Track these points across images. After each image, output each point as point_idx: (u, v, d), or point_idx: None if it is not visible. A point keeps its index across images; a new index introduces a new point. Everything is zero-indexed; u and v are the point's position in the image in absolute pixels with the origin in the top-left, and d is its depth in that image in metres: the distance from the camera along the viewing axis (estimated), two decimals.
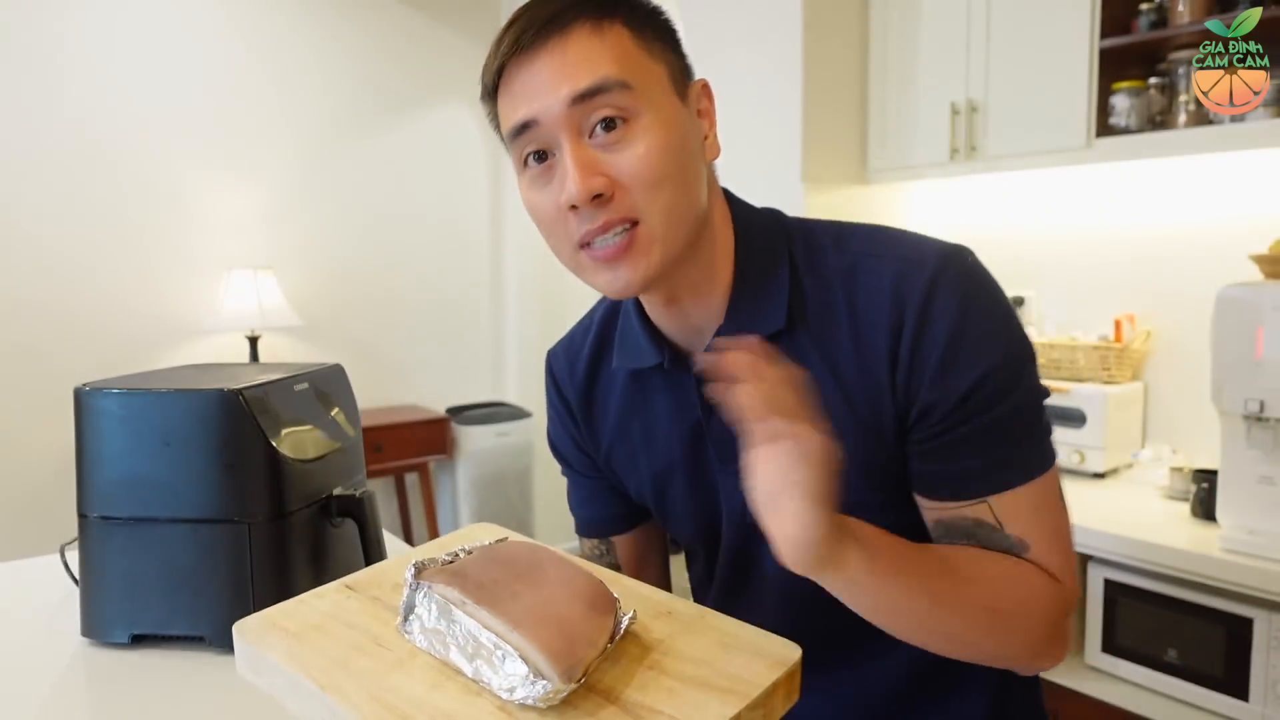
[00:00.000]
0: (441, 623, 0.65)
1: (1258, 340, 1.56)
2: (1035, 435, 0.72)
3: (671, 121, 0.69)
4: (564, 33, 0.67)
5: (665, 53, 0.72)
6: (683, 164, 0.69)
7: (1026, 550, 0.71)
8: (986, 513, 0.71)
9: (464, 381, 3.87)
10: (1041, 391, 0.73)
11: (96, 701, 1.00)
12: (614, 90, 0.66)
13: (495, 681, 0.61)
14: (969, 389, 0.69)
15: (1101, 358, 2.16)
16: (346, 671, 0.64)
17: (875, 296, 0.71)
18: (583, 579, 0.69)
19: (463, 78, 3.75)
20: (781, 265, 0.75)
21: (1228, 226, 2.03)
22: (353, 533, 1.21)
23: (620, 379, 0.85)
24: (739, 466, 0.65)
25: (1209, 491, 1.75)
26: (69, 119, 2.94)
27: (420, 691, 0.62)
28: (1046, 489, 0.72)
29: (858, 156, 2.52)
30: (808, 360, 0.73)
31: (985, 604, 0.68)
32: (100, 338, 3.03)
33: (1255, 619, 1.58)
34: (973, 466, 0.71)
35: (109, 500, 1.06)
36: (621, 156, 0.67)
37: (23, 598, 1.26)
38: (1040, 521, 0.71)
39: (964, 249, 0.74)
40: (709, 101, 0.75)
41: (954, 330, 0.69)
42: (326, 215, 3.47)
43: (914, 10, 2.36)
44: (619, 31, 0.68)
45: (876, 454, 0.73)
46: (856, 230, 0.77)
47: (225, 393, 1.04)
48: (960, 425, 0.70)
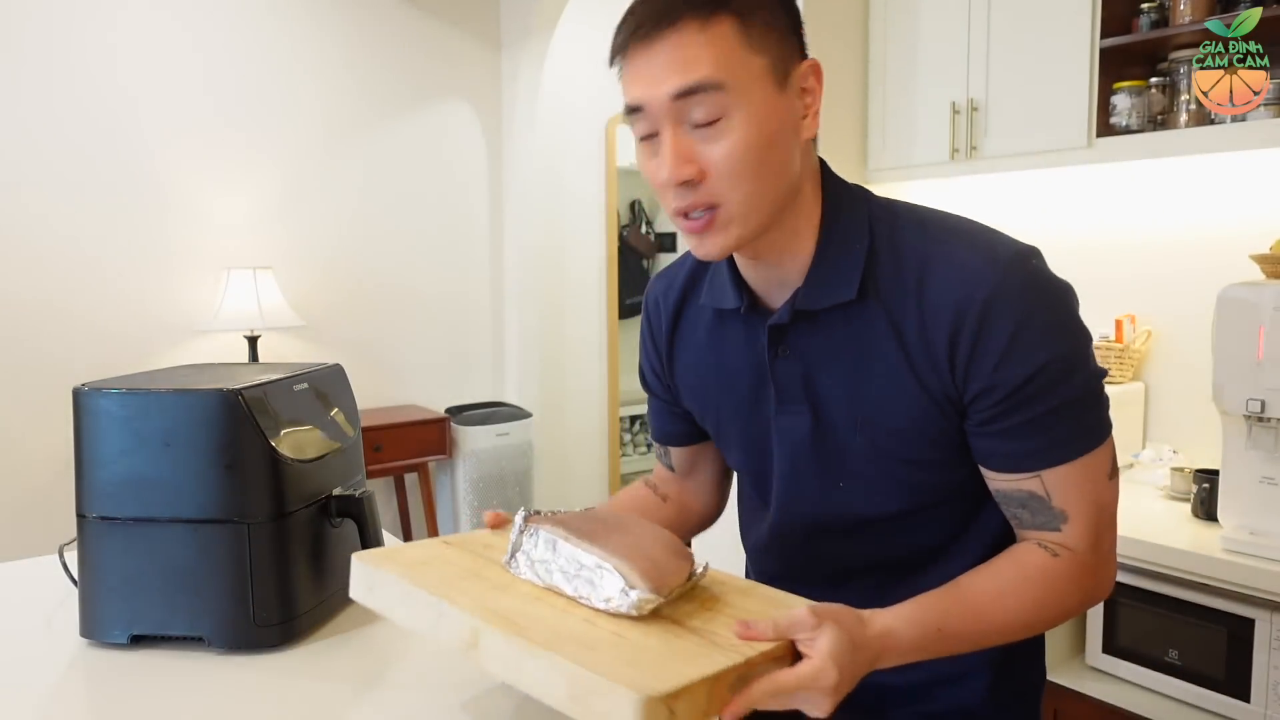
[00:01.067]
0: (548, 553, 0.77)
1: (1259, 340, 1.56)
2: (1088, 416, 0.79)
3: (763, 116, 0.75)
4: (674, 28, 0.74)
5: (772, 40, 0.76)
6: (766, 156, 0.76)
7: (1064, 521, 0.79)
8: (1038, 485, 0.79)
9: (464, 381, 3.86)
10: (1098, 372, 0.80)
11: (96, 702, 1.00)
12: (710, 90, 0.74)
13: (594, 595, 0.73)
14: (1023, 381, 0.76)
15: (1102, 358, 2.16)
16: (456, 589, 0.76)
17: (945, 284, 0.78)
18: (665, 534, 0.81)
19: (463, 77, 3.75)
20: (862, 239, 0.82)
21: (1228, 226, 2.02)
22: (352, 533, 1.21)
23: (706, 314, 0.94)
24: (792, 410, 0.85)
25: (1210, 492, 1.74)
26: (69, 119, 2.94)
27: (519, 604, 0.73)
28: (1096, 463, 0.79)
29: (858, 156, 2.51)
30: (875, 326, 0.81)
31: (1021, 623, 0.79)
32: (100, 338, 3.02)
33: (1256, 620, 1.58)
34: (1027, 447, 0.78)
35: (108, 500, 1.06)
36: (712, 148, 0.75)
37: (22, 598, 1.26)
38: (1083, 494, 0.79)
39: (1033, 251, 0.80)
40: (816, 80, 0.81)
41: (1013, 331, 0.75)
42: (326, 215, 3.47)
43: (914, 10, 2.36)
44: (725, 27, 0.74)
45: (929, 420, 0.81)
46: (938, 218, 0.84)
47: (225, 393, 1.04)
48: (1014, 412, 0.77)
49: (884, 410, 0.82)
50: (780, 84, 0.77)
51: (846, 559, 0.93)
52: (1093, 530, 0.80)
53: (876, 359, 0.81)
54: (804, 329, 0.84)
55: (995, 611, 0.78)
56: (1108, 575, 0.83)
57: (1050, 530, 0.81)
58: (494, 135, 3.87)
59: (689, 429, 1.05)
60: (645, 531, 0.81)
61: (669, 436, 1.08)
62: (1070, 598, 0.80)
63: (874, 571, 0.92)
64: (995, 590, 0.79)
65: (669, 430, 1.07)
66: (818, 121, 0.81)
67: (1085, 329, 0.81)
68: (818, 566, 0.95)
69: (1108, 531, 0.82)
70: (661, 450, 1.11)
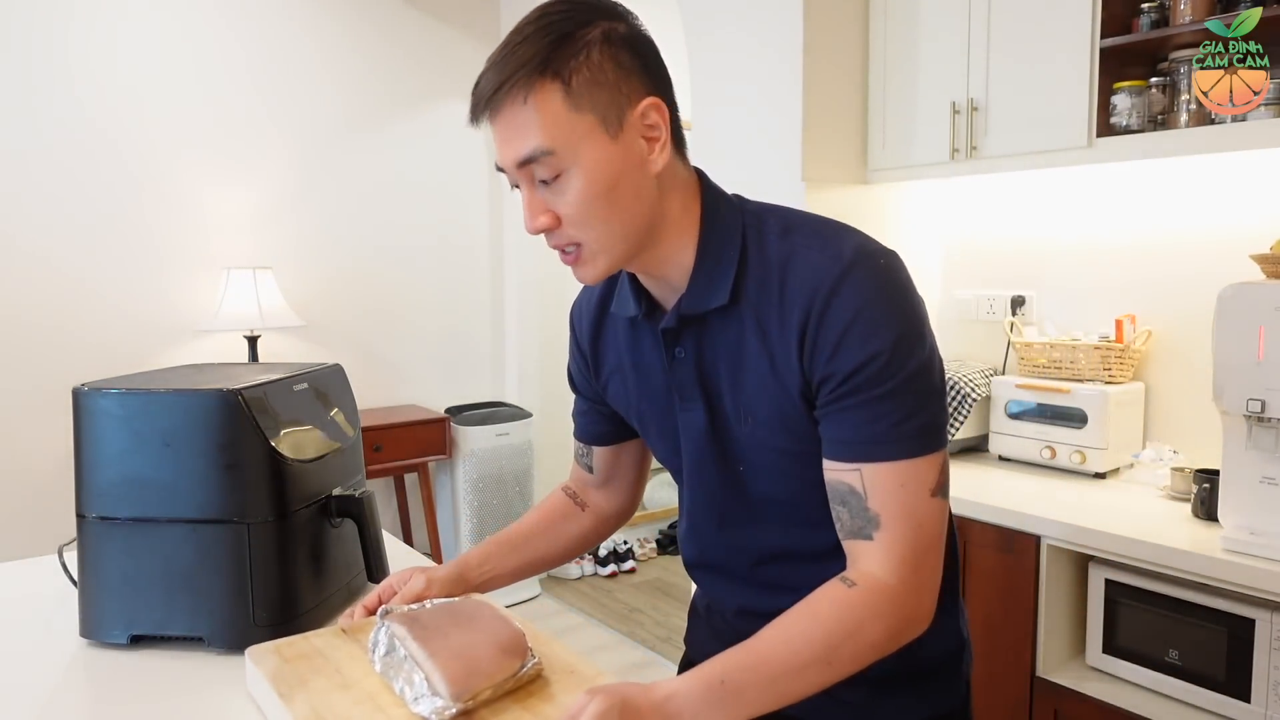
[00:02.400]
0: (390, 649, 0.89)
1: (1259, 340, 1.56)
2: (915, 421, 0.83)
3: (598, 165, 0.82)
4: (496, 110, 0.82)
5: (600, 96, 0.81)
6: (610, 198, 0.83)
7: (877, 528, 0.83)
8: (858, 480, 0.84)
9: (464, 381, 3.86)
10: (933, 385, 0.85)
11: (95, 702, 1.00)
12: (541, 158, 0.81)
13: (408, 694, 0.84)
14: (854, 368, 0.82)
15: (1102, 358, 2.16)
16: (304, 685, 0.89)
17: (799, 283, 0.85)
18: (508, 631, 0.91)
19: (463, 77, 3.74)
20: (734, 248, 0.89)
21: (1229, 226, 2.02)
22: (352, 533, 1.21)
23: (622, 322, 1.01)
24: (690, 407, 0.94)
25: (1210, 492, 1.74)
26: (69, 119, 2.94)
27: (344, 708, 0.85)
28: (915, 473, 0.83)
29: (858, 156, 2.51)
30: (744, 328, 0.89)
31: (817, 660, 0.79)
32: (100, 337, 3.02)
33: (1257, 620, 1.58)
34: (854, 435, 0.84)
35: (108, 500, 1.06)
36: (559, 200, 0.84)
37: (21, 598, 1.26)
38: (900, 501, 0.83)
39: (883, 251, 0.86)
40: (658, 114, 0.84)
41: (850, 319, 0.82)
42: (326, 215, 3.47)
43: (914, 10, 2.35)
44: (546, 93, 0.80)
45: (790, 411, 0.88)
46: (801, 222, 0.90)
47: (225, 393, 1.04)
48: (846, 398, 0.83)
49: (755, 403, 0.90)
50: (613, 133, 0.82)
51: (757, 547, 0.98)
52: (906, 546, 0.82)
53: (748, 357, 0.89)
54: (692, 331, 0.92)
55: (782, 654, 0.79)
56: (919, 607, 0.84)
57: (863, 538, 0.83)
58: None
59: (614, 429, 1.12)
60: (489, 627, 0.91)
61: (595, 437, 1.15)
62: (869, 630, 0.80)
63: (782, 560, 0.97)
64: (781, 635, 0.81)
65: (595, 431, 1.14)
66: (666, 153, 0.85)
67: (929, 341, 0.85)
68: (733, 555, 1.01)
69: (926, 555, 0.83)
70: (584, 451, 1.17)
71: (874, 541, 0.83)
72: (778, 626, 0.82)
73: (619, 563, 3.96)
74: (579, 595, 3.74)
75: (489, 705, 0.86)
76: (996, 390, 2.29)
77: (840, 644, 0.80)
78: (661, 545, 4.24)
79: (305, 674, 0.92)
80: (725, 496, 0.98)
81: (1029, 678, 1.85)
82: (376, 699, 0.87)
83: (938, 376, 0.86)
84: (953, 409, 2.27)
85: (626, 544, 4.03)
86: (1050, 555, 1.82)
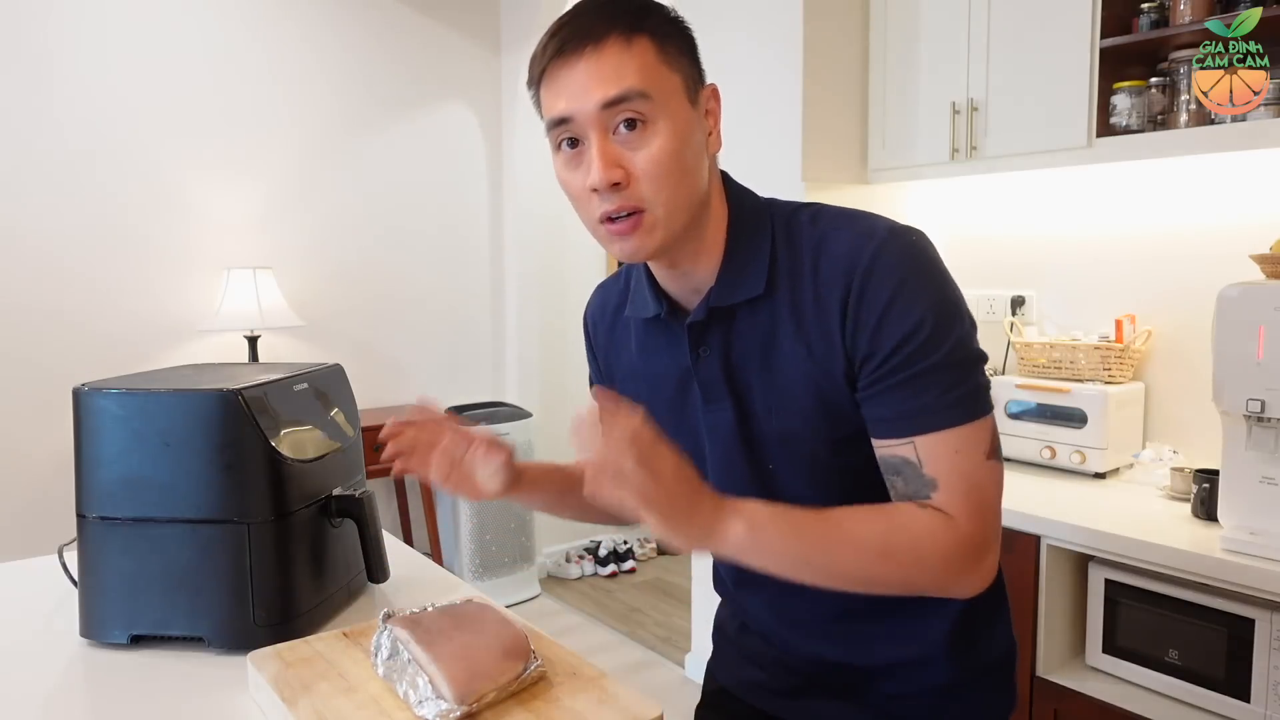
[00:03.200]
0: (393, 653, 0.90)
1: (1259, 340, 1.56)
2: (961, 389, 0.83)
3: (681, 126, 0.83)
4: (599, 44, 0.81)
5: (683, 62, 0.85)
6: (685, 163, 0.84)
7: (935, 489, 0.83)
8: (911, 452, 0.84)
9: (464, 381, 3.86)
10: (974, 354, 0.85)
11: (95, 702, 1.00)
12: (636, 99, 0.81)
13: (412, 697, 0.85)
14: (900, 341, 0.82)
15: (1102, 358, 2.16)
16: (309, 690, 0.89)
17: (833, 263, 0.85)
18: (510, 633, 0.92)
19: (463, 77, 3.75)
20: (765, 240, 0.90)
21: (1228, 226, 2.02)
22: (352, 533, 1.21)
23: (636, 324, 1.00)
24: (717, 406, 0.92)
25: (1210, 492, 1.74)
26: (69, 118, 2.94)
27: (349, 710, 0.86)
28: (968, 438, 0.83)
29: (858, 156, 2.51)
30: (776, 319, 0.88)
31: (877, 548, 0.81)
32: (100, 338, 3.02)
33: (1256, 620, 1.58)
34: (902, 410, 0.83)
35: (108, 501, 1.06)
36: (638, 154, 0.82)
37: (22, 598, 1.26)
38: (955, 465, 0.83)
39: (913, 230, 0.87)
40: (716, 103, 0.89)
41: (891, 293, 0.82)
42: (326, 215, 3.47)
43: (914, 10, 2.36)
44: (645, 44, 0.82)
45: (832, 395, 0.87)
46: (829, 211, 0.91)
47: (225, 393, 1.04)
48: (893, 374, 0.83)
49: (791, 395, 0.89)
50: (692, 100, 0.85)
51: None
52: (968, 502, 0.82)
53: (781, 348, 0.88)
54: (720, 327, 0.91)
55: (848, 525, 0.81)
56: (981, 556, 0.84)
57: (921, 498, 0.84)
58: (494, 135, 3.87)
59: None
60: (492, 630, 0.92)
61: None
62: (925, 547, 0.81)
63: None
64: (863, 512, 0.83)
65: None
66: (720, 140, 0.89)
67: (965, 311, 0.86)
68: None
69: (989, 514, 0.84)
70: None
71: (933, 500, 0.83)
72: (850, 509, 0.83)
73: (619, 563, 3.95)
74: (579, 595, 3.74)
75: (492, 708, 0.86)
76: (996, 390, 2.29)
77: (899, 545, 0.81)
78: (661, 545, 4.24)
79: (308, 678, 0.92)
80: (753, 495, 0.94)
81: (1029, 678, 1.85)
82: (380, 703, 0.87)
83: (977, 344, 0.86)
84: None
85: (626, 544, 4.03)
86: (1050, 555, 1.82)
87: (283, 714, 0.87)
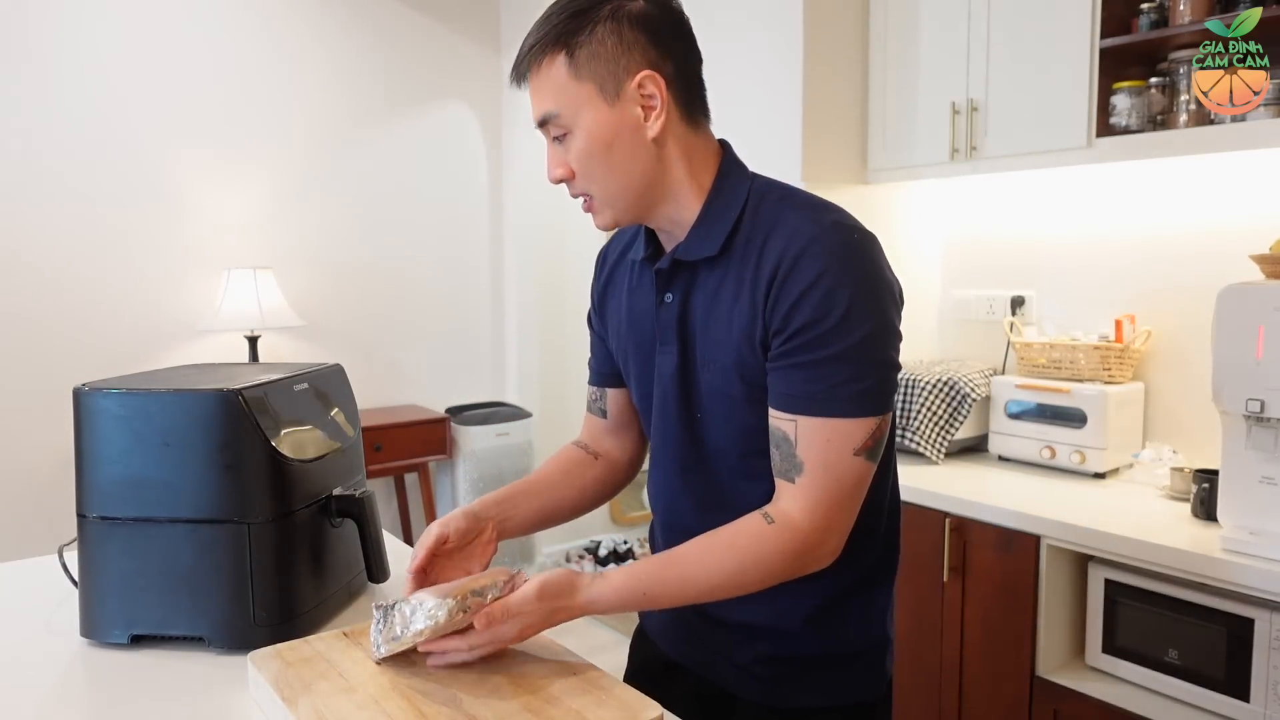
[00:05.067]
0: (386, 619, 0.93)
1: (1259, 340, 1.56)
2: (855, 385, 0.91)
3: (597, 129, 0.95)
4: (529, 73, 0.97)
5: (599, 66, 0.94)
6: (607, 158, 0.96)
7: (799, 472, 0.92)
8: (792, 429, 0.93)
9: (464, 381, 3.86)
10: (880, 357, 0.93)
11: (96, 702, 1.00)
12: (550, 119, 0.97)
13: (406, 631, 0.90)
14: (803, 325, 0.90)
15: (1102, 358, 2.16)
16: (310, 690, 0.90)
17: (777, 240, 0.94)
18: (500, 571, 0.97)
19: (463, 77, 3.75)
20: (735, 209, 0.99)
21: (1228, 226, 2.02)
22: (352, 533, 1.21)
23: (634, 266, 1.10)
24: (667, 350, 1.03)
25: (1210, 492, 1.74)
26: (69, 118, 2.94)
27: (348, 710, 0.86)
28: (843, 431, 0.91)
29: (858, 156, 2.51)
30: (726, 279, 0.98)
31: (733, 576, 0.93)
32: (100, 338, 3.02)
33: (1256, 619, 1.58)
34: (794, 389, 0.92)
35: (108, 500, 1.06)
36: (569, 155, 0.98)
37: (22, 598, 1.26)
38: (823, 454, 0.91)
39: (860, 229, 0.95)
40: (654, 87, 0.95)
41: (813, 278, 0.90)
42: (326, 215, 3.47)
43: (914, 10, 2.36)
44: (559, 64, 0.94)
45: (748, 358, 0.96)
46: (800, 195, 1.00)
47: (225, 393, 1.04)
48: (795, 353, 0.92)
49: (720, 348, 0.98)
50: (610, 100, 0.95)
51: (714, 497, 1.05)
52: (821, 493, 0.92)
53: (722, 305, 0.98)
54: (683, 279, 1.01)
55: (699, 575, 0.94)
56: (822, 547, 0.94)
57: (787, 479, 0.94)
58: (494, 135, 3.87)
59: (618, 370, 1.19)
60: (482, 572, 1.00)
61: (607, 379, 1.21)
62: (776, 562, 0.92)
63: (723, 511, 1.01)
64: (701, 557, 0.94)
65: (607, 372, 1.20)
66: (662, 121, 0.96)
67: (887, 316, 0.93)
68: (691, 503, 1.08)
69: (838, 505, 0.93)
70: (598, 395, 1.23)
71: (795, 485, 0.93)
72: (700, 547, 0.95)
73: (619, 562, 3.96)
74: None
75: (481, 710, 0.85)
76: (996, 390, 2.29)
77: (750, 571, 0.93)
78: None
79: (309, 678, 0.92)
80: (684, 441, 1.05)
81: (1029, 677, 1.86)
82: (381, 703, 0.87)
83: (890, 350, 0.94)
84: (952, 409, 2.27)
85: (626, 544, 4.03)
86: (1050, 555, 1.82)
87: (283, 714, 0.87)
